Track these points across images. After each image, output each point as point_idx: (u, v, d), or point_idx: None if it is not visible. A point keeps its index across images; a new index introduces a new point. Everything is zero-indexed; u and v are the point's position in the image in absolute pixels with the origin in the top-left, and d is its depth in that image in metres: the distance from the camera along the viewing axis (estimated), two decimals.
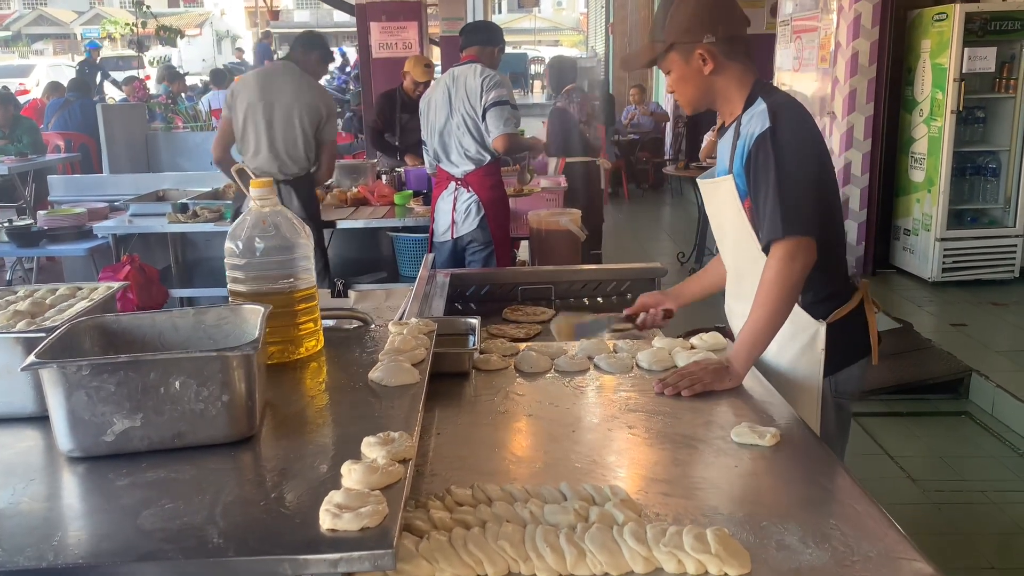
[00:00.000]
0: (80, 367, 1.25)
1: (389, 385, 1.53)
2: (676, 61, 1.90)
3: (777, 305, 1.78)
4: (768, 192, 1.78)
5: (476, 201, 3.85)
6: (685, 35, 1.87)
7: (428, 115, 3.91)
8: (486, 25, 4.12)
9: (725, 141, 1.97)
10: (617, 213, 9.84)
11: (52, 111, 8.42)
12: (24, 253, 4.96)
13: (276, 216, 1.67)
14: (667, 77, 1.97)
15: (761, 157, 1.80)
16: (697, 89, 1.93)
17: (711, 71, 1.88)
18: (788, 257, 1.76)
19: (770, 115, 1.82)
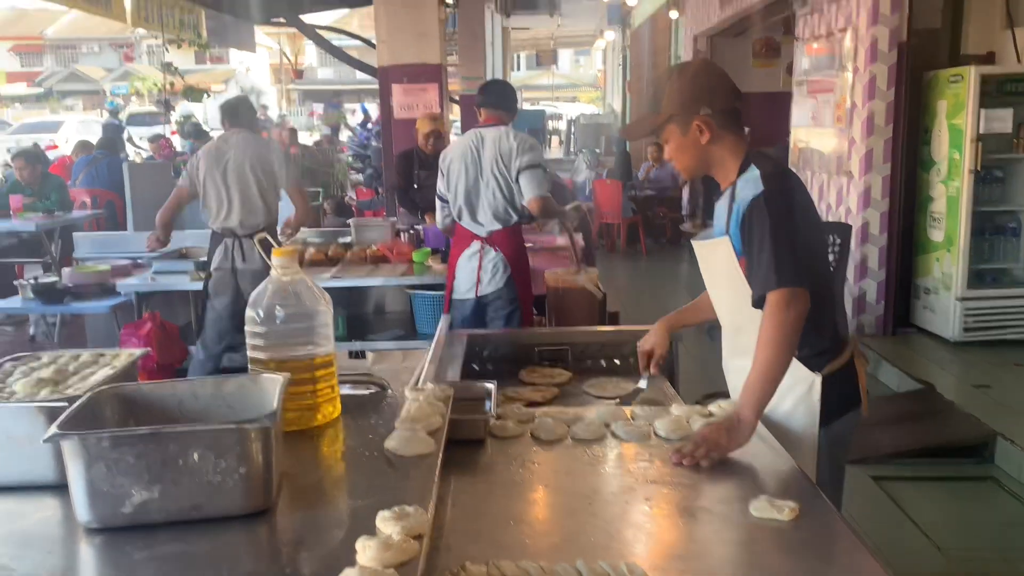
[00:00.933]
0: (100, 439, 1.27)
1: (405, 455, 1.53)
2: (674, 132, 2.03)
3: (779, 352, 1.86)
4: (762, 248, 1.89)
5: (503, 259, 3.88)
6: (683, 108, 2.00)
7: (451, 173, 3.90)
8: (509, 91, 4.13)
9: (721, 205, 2.09)
10: (635, 269, 9.85)
11: (80, 168, 8.60)
12: (48, 310, 5.03)
13: (297, 285, 1.69)
14: (665, 146, 2.10)
15: (755, 217, 1.92)
16: (694, 158, 2.06)
17: (707, 141, 2.01)
18: (784, 305, 1.85)
19: (764, 180, 1.94)
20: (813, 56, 6.82)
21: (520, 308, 3.92)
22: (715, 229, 2.12)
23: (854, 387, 2.10)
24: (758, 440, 1.85)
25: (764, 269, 1.89)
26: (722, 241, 2.04)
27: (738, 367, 2.05)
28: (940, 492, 3.95)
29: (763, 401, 1.86)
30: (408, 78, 6.18)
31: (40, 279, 5.06)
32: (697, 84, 2.01)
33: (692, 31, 11.41)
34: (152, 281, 4.78)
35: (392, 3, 6.19)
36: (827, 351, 2.05)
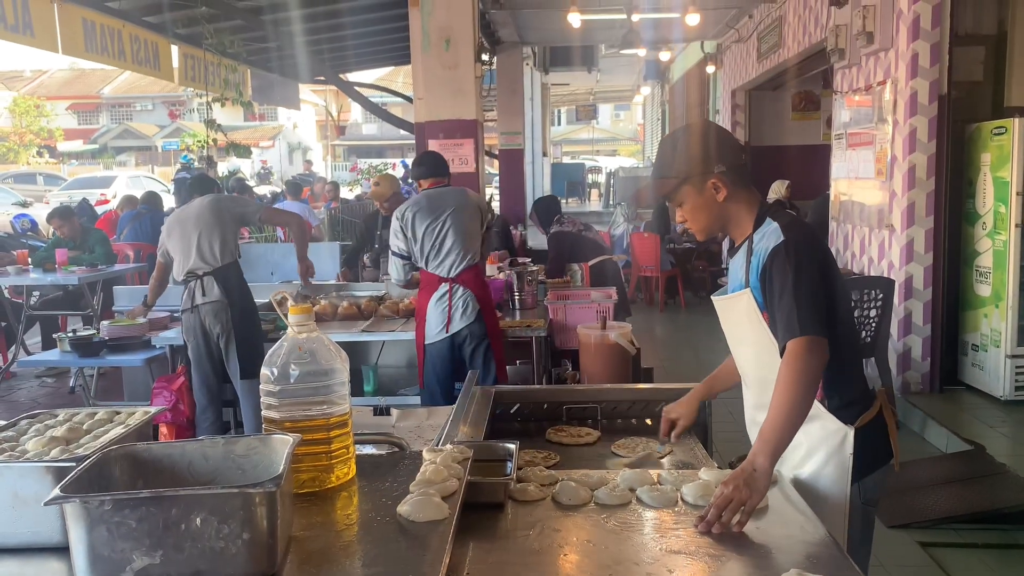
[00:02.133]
0: (103, 502, 1.24)
1: (417, 520, 1.48)
2: (690, 193, 2.04)
3: (798, 399, 1.83)
4: (784, 297, 1.89)
5: (472, 296, 4.20)
6: (697, 167, 2.02)
7: (414, 227, 4.21)
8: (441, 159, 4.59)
9: (737, 260, 2.09)
10: (674, 322, 9.73)
11: (125, 222, 8.81)
12: (85, 363, 5.10)
13: (312, 343, 1.67)
14: (678, 210, 2.10)
15: (776, 266, 1.93)
16: (711, 216, 2.07)
17: (724, 198, 2.02)
18: (805, 352, 1.84)
19: (784, 230, 1.96)
20: (852, 109, 6.76)
21: (490, 342, 4.24)
22: (732, 284, 2.13)
23: (885, 440, 2.06)
24: (785, 502, 1.80)
25: (786, 317, 1.88)
26: (742, 295, 2.03)
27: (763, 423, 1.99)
28: (991, 559, 3.76)
29: (780, 448, 1.83)
30: (444, 133, 6.25)
31: (78, 332, 5.14)
32: (708, 143, 2.05)
33: (730, 85, 11.44)
34: None
35: (429, 61, 6.29)
36: (857, 402, 2.03)
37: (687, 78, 15.22)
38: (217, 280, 4.51)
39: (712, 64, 11.99)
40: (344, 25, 9.13)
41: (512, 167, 12.91)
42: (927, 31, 5.59)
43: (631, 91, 23.41)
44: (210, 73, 8.31)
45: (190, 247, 4.55)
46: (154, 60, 7.80)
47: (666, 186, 2.07)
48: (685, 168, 2.03)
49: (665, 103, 18.38)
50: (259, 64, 10.39)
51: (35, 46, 5.99)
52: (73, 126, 38.88)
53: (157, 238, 8.24)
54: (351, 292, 5.56)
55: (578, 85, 21.71)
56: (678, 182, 2.04)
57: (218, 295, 4.46)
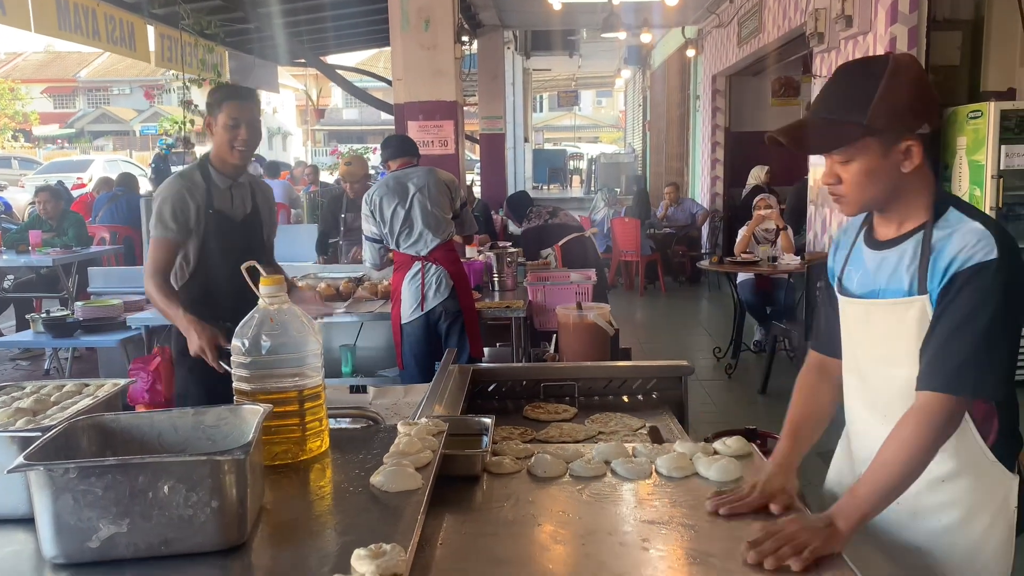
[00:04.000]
0: (67, 470, 1.22)
1: (390, 491, 1.47)
2: (872, 150, 1.53)
3: (916, 464, 1.49)
4: (964, 335, 1.47)
5: (445, 273, 4.19)
6: (898, 121, 1.51)
7: (382, 209, 4.19)
8: (408, 140, 4.62)
9: (897, 254, 1.61)
10: (653, 306, 9.77)
11: (101, 204, 8.71)
12: (58, 344, 5.04)
13: (284, 314, 1.65)
14: (834, 166, 1.59)
15: (976, 292, 1.47)
16: (885, 188, 1.57)
17: (912, 169, 1.54)
18: (949, 415, 1.48)
19: (998, 244, 1.49)
20: None
21: (464, 318, 4.23)
22: (883, 284, 1.64)
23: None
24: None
25: (954, 362, 1.47)
26: (913, 302, 1.56)
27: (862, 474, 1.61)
28: None
29: (871, 515, 1.50)
30: (424, 115, 6.21)
31: (52, 313, 5.08)
32: (919, 95, 1.54)
33: (711, 70, 11.45)
34: None
35: (409, 41, 6.24)
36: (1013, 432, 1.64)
37: (668, 64, 15.22)
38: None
39: (692, 48, 11.99)
40: (323, 6, 9.04)
41: (493, 152, 12.86)
42: (905, 15, 5.61)
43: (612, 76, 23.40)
44: (187, 54, 8.21)
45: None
46: (129, 40, 7.68)
47: (844, 133, 1.52)
48: (883, 117, 1.50)
49: (647, 89, 18.38)
50: (237, 46, 10.27)
51: (6, 24, 5.88)
52: (49, 110, 38.34)
53: (133, 220, 8.22)
54: (330, 274, 5.52)
55: (559, 70, 21.66)
56: (863, 132, 1.51)
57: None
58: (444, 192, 4.29)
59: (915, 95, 1.52)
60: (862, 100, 1.50)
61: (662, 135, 15.95)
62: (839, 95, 1.56)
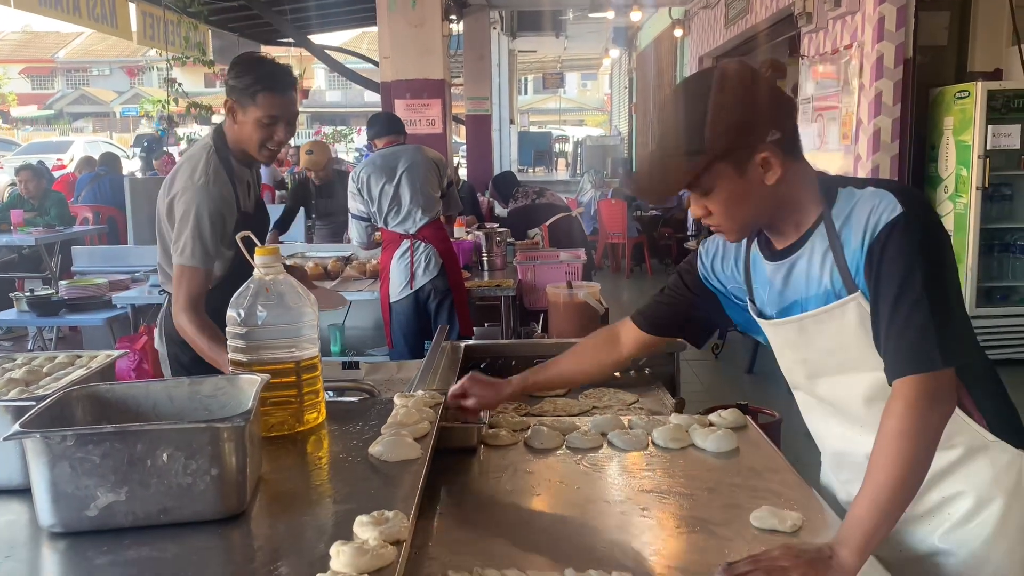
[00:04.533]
0: (65, 437, 1.20)
1: (389, 460, 1.46)
2: (726, 175, 1.34)
3: (915, 467, 1.27)
4: (909, 306, 1.28)
5: (434, 251, 4.17)
6: (740, 137, 1.33)
7: (369, 188, 4.16)
8: (395, 118, 4.56)
9: (802, 265, 1.43)
10: (640, 288, 9.79)
11: (83, 184, 8.61)
12: (43, 322, 4.98)
13: (280, 285, 1.63)
14: (697, 199, 1.40)
15: (898, 255, 1.29)
16: (756, 207, 1.39)
17: (777, 179, 1.35)
18: (932, 397, 1.27)
19: (899, 198, 1.31)
20: (819, 77, 6.79)
21: (453, 296, 4.23)
22: (804, 295, 1.44)
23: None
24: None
25: (915, 339, 1.27)
26: (846, 304, 1.37)
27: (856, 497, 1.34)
28: None
29: (877, 540, 1.25)
30: (411, 93, 6.17)
31: (36, 292, 5.02)
32: (751, 103, 1.33)
33: (698, 52, 11.42)
34: (148, 294, 4.72)
35: (396, 19, 6.19)
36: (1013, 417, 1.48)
37: (655, 45, 15.17)
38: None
39: (680, 29, 11.95)
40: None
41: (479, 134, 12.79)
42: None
43: (598, 59, 23.31)
44: (170, 32, 8.10)
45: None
46: (111, 17, 7.56)
47: (683, 170, 1.34)
48: (723, 139, 1.31)
49: (632, 71, 18.32)
50: (221, 24, 10.14)
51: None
52: (27, 91, 37.81)
53: (116, 200, 8.13)
54: (317, 253, 5.50)
55: (545, 52, 21.55)
56: (706, 161, 1.32)
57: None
58: (432, 170, 4.26)
59: (749, 105, 1.33)
60: (695, 127, 1.32)
61: (648, 117, 15.91)
62: (671, 128, 1.39)
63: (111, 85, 37.61)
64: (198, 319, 2.30)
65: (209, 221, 2.31)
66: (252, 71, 2.36)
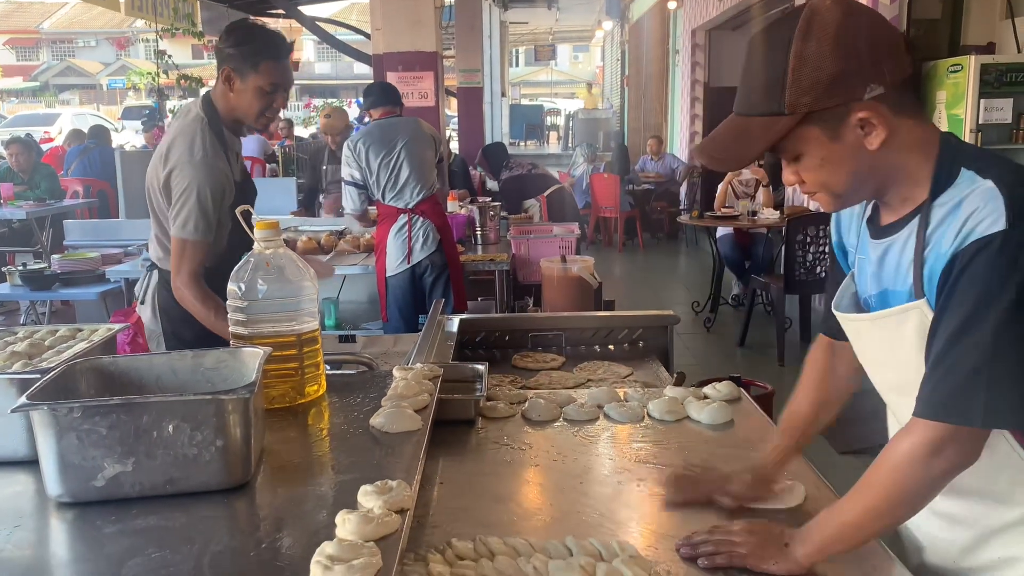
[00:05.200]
0: (71, 409, 1.22)
1: (391, 432, 1.48)
2: (814, 139, 1.15)
3: (889, 506, 1.16)
4: (964, 343, 1.09)
5: (432, 226, 4.16)
6: (830, 95, 1.12)
7: (368, 158, 4.14)
8: (392, 88, 4.50)
9: (895, 248, 1.22)
10: (632, 262, 9.81)
11: (72, 157, 8.55)
12: (36, 296, 4.97)
13: (280, 258, 1.64)
14: (787, 165, 1.22)
15: (977, 279, 1.08)
16: (856, 176, 1.18)
17: (881, 143, 1.14)
18: (946, 450, 1.11)
19: (1009, 206, 1.07)
20: None
21: (449, 271, 4.23)
22: (882, 285, 1.26)
23: None
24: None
25: (961, 383, 1.09)
26: (910, 310, 1.19)
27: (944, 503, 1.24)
28: None
29: (833, 550, 1.21)
30: (403, 66, 6.13)
31: (29, 266, 5.01)
32: (846, 49, 1.11)
33: (691, 24, 11.37)
34: (142, 268, 4.71)
35: None
36: None
37: (648, 16, 15.07)
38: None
39: (674, 0, 11.88)
40: None
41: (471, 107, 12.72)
42: None
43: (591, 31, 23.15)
44: (159, 2, 8.01)
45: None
46: None
47: (764, 130, 1.15)
48: (809, 95, 1.11)
49: (625, 43, 18.21)
50: None
51: None
52: (11, 62, 37.34)
53: (106, 173, 8.08)
54: (310, 227, 5.49)
55: (537, 24, 21.41)
56: (786, 125, 1.14)
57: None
58: (430, 145, 4.25)
59: (844, 52, 1.10)
60: (775, 79, 1.13)
61: (641, 90, 15.86)
62: (750, 80, 1.19)
63: (97, 56, 37.17)
64: (201, 291, 2.32)
65: (211, 195, 2.32)
66: (253, 39, 2.35)
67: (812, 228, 5.59)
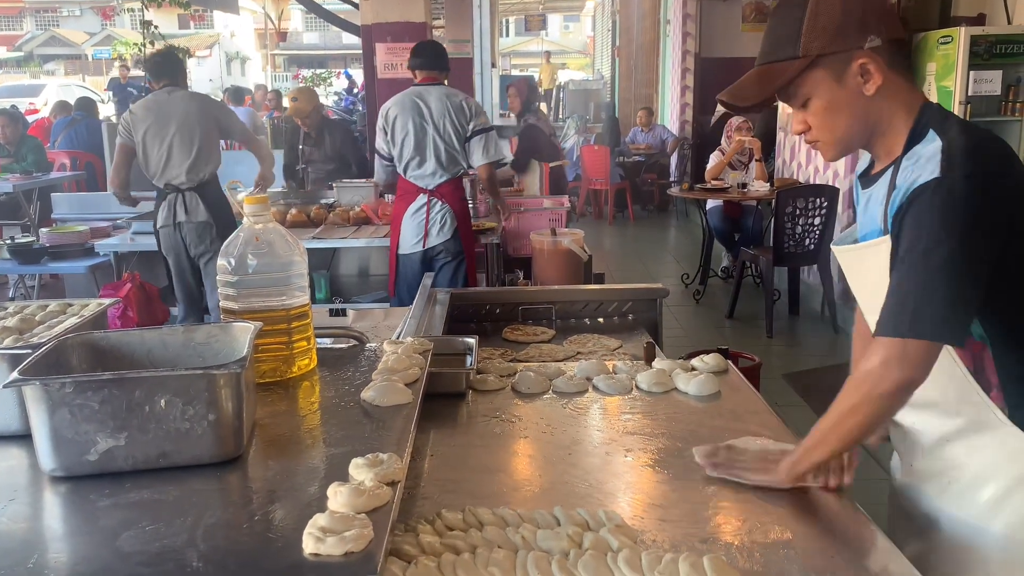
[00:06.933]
0: (64, 384, 1.22)
1: (381, 405, 1.50)
2: (823, 81, 1.36)
3: (852, 417, 1.34)
4: (908, 269, 1.28)
5: (450, 212, 4.06)
6: (835, 40, 1.34)
7: (395, 129, 4.03)
8: (442, 51, 4.29)
9: (877, 192, 1.43)
10: (622, 235, 9.82)
11: (59, 129, 8.47)
12: (25, 270, 4.96)
13: (269, 233, 1.65)
14: (797, 112, 1.43)
15: (916, 218, 1.29)
16: (855, 119, 1.38)
17: (876, 89, 1.35)
18: (891, 363, 1.28)
19: (944, 160, 1.28)
20: None
21: (465, 261, 4.15)
22: (865, 228, 1.49)
23: None
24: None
25: (897, 302, 1.29)
26: (880, 243, 1.39)
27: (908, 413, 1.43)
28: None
29: (812, 459, 1.37)
30: (392, 37, 6.08)
31: (17, 239, 4.98)
32: (854, 4, 1.35)
33: None
34: (131, 242, 4.70)
35: None
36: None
37: None
38: (202, 198, 4.29)
39: None
40: None
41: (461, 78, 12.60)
42: None
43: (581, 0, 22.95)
44: None
45: (170, 156, 4.26)
46: None
47: (781, 72, 1.37)
48: (820, 39, 1.34)
49: (616, 13, 18.07)
50: None
51: None
52: None
53: (93, 145, 8.01)
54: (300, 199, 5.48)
55: None
56: (800, 65, 1.35)
57: (204, 215, 4.25)
58: (461, 119, 4.05)
59: (849, 7, 1.34)
60: (793, 31, 1.35)
61: (632, 61, 15.76)
62: (772, 36, 1.41)
63: (82, 26, 36.63)
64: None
65: None
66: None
67: (801, 200, 5.61)
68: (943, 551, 1.42)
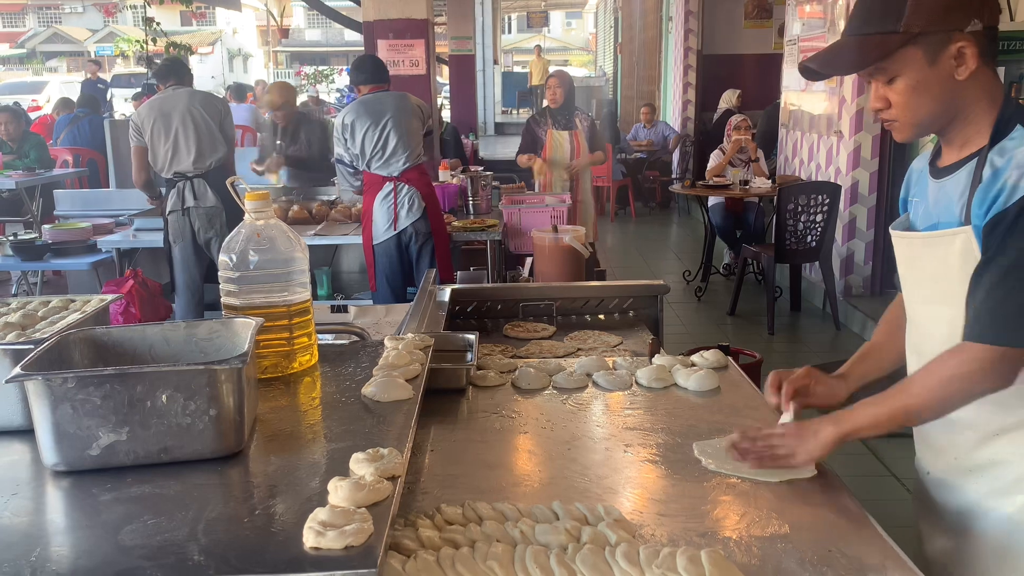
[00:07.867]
0: (66, 379, 1.23)
1: (382, 401, 1.51)
2: (916, 61, 1.32)
3: (924, 408, 1.37)
4: (1016, 282, 1.27)
5: (417, 194, 4.23)
6: (940, 19, 1.30)
7: (354, 131, 4.20)
8: (381, 64, 4.56)
9: (953, 182, 1.40)
10: (623, 231, 9.82)
11: (62, 126, 8.48)
12: (28, 267, 4.97)
13: (271, 229, 1.65)
14: (879, 88, 1.39)
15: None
16: (940, 103, 1.36)
17: (968, 76, 1.33)
18: (989, 367, 1.29)
19: None
20: (805, 17, 6.74)
21: (434, 240, 4.31)
22: (933, 214, 1.44)
23: None
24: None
25: (996, 305, 1.28)
26: (957, 233, 1.36)
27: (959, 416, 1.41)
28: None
29: (860, 431, 1.41)
30: (394, 34, 6.08)
31: (20, 236, 4.99)
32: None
33: None
34: (133, 238, 4.72)
35: None
36: None
37: None
38: (209, 184, 4.42)
39: None
40: None
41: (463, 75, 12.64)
42: None
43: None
44: None
45: (176, 146, 4.40)
46: None
47: (878, 45, 1.33)
48: (923, 17, 1.30)
49: (618, 10, 18.06)
50: None
51: None
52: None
53: (96, 142, 8.02)
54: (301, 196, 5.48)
55: None
56: (900, 40, 1.31)
57: (213, 200, 4.39)
58: (417, 116, 4.31)
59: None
60: (896, 4, 1.32)
61: (634, 58, 15.75)
62: (869, 6, 1.37)
63: (84, 23, 36.63)
64: None
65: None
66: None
67: (803, 197, 5.61)
68: (980, 547, 1.41)
